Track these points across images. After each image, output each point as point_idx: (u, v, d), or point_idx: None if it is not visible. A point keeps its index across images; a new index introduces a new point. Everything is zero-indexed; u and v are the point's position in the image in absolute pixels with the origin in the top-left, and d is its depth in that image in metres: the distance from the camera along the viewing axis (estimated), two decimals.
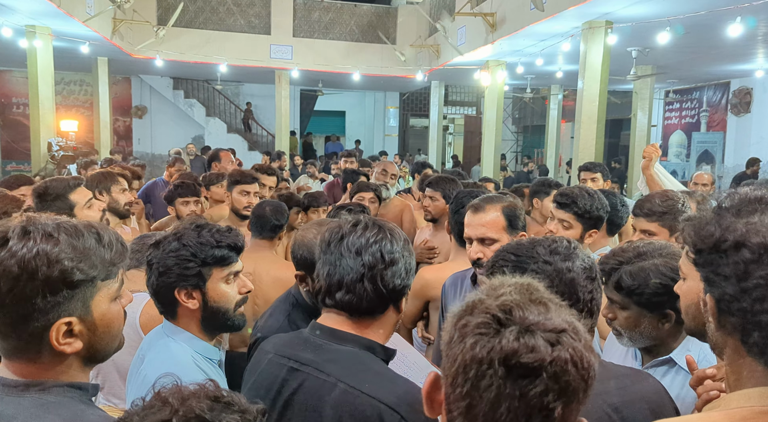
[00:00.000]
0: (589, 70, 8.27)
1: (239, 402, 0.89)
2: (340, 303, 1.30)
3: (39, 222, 1.05)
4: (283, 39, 14.04)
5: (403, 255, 1.32)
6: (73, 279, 1.02)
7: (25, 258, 0.99)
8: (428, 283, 2.49)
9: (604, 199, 2.57)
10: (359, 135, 19.74)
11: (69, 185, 2.67)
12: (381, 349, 1.32)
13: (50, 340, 1.03)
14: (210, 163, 5.40)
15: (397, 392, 1.20)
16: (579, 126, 8.57)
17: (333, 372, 1.24)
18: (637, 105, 11.80)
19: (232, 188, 3.70)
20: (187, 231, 1.56)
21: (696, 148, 14.00)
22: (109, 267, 1.08)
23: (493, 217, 2.06)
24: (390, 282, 1.29)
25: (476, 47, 10.74)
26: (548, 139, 15.95)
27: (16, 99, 15.98)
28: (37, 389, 1.04)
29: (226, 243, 1.56)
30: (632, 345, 1.66)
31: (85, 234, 1.06)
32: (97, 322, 1.08)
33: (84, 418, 1.03)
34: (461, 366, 0.76)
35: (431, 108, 15.95)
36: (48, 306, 1.01)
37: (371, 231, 1.31)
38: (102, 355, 1.13)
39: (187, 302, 1.53)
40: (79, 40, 10.72)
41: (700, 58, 10.71)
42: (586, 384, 0.76)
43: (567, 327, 0.77)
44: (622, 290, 1.58)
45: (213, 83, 17.18)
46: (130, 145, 17.52)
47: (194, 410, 0.84)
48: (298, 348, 1.33)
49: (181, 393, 0.87)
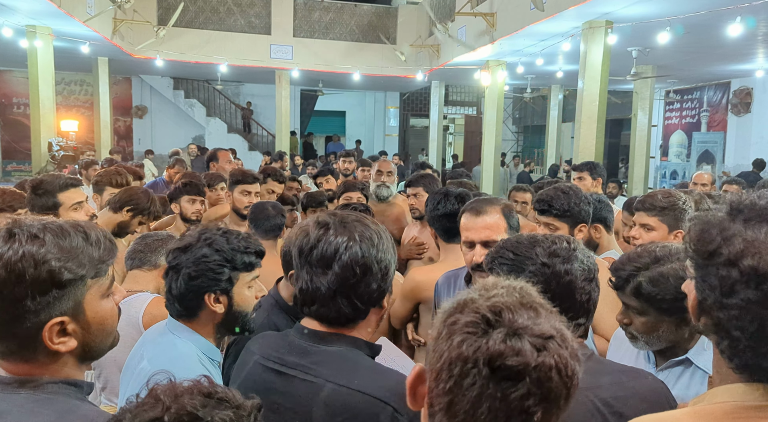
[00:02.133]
0: (589, 70, 8.27)
1: (233, 398, 0.88)
2: (316, 315, 1.29)
3: (24, 224, 1.05)
4: (283, 39, 14.05)
5: (377, 260, 1.27)
6: (62, 279, 1.02)
7: (11, 260, 0.99)
8: (419, 285, 2.45)
9: (581, 192, 2.54)
10: (359, 135, 19.74)
11: (61, 184, 2.65)
12: (366, 346, 1.31)
13: (44, 340, 1.03)
14: (208, 164, 5.38)
15: (387, 385, 1.20)
16: (579, 126, 8.57)
17: (320, 373, 1.23)
18: (638, 105, 11.79)
19: (234, 188, 3.70)
20: (215, 236, 1.56)
21: (696, 147, 14.00)
22: (98, 264, 1.08)
23: (495, 219, 2.04)
24: (365, 293, 1.26)
25: (476, 47, 10.74)
26: (548, 138, 15.96)
27: (17, 99, 16.00)
28: (31, 386, 1.04)
29: (254, 249, 1.60)
30: (648, 348, 1.64)
31: (71, 233, 1.06)
32: (90, 320, 1.08)
33: (78, 413, 1.03)
34: (446, 363, 0.77)
35: (431, 108, 15.95)
36: (38, 307, 1.01)
37: (341, 237, 1.25)
38: (97, 353, 1.13)
39: (215, 306, 1.55)
40: (80, 40, 10.73)
41: (700, 58, 10.71)
42: (568, 391, 0.77)
43: (555, 334, 0.77)
44: (642, 296, 1.55)
45: (213, 83, 17.20)
46: (130, 145, 17.53)
47: (186, 407, 0.83)
48: (284, 351, 1.31)
49: (174, 390, 0.86)
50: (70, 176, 2.76)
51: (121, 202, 2.89)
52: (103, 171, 3.77)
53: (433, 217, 2.55)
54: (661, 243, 1.68)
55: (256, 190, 3.72)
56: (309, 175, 9.60)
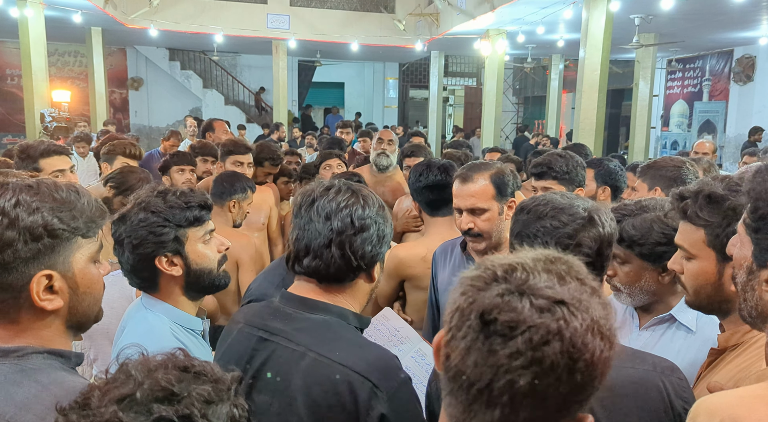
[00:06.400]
0: (591, 38, 8.13)
1: (211, 371, 0.83)
2: (307, 269, 1.27)
3: (18, 177, 1.07)
4: (279, 8, 13.80)
5: (375, 222, 1.27)
6: (55, 228, 1.01)
7: (4, 206, 0.98)
8: (402, 261, 2.39)
9: (576, 156, 2.59)
10: (359, 107, 19.55)
11: (42, 150, 2.61)
12: (354, 317, 1.28)
13: (31, 294, 1.00)
14: (204, 134, 5.31)
15: (368, 359, 1.17)
16: (580, 95, 8.46)
17: (302, 341, 1.21)
18: (639, 74, 11.63)
19: (225, 158, 3.65)
20: (150, 199, 1.51)
21: (698, 117, 13.86)
22: (89, 223, 1.06)
23: (482, 186, 2.01)
24: (359, 249, 1.25)
25: (476, 15, 10.55)
26: (549, 109, 15.80)
27: (10, 70, 15.78)
28: (15, 355, 1.01)
29: (196, 202, 1.53)
30: (631, 303, 1.65)
31: (64, 189, 1.06)
32: (79, 281, 1.06)
33: (64, 385, 0.99)
34: (449, 315, 0.77)
35: (431, 79, 15.75)
36: (29, 254, 0.99)
37: (343, 196, 1.27)
38: (83, 320, 1.10)
39: (170, 269, 1.50)
40: (72, 8, 10.52)
41: (703, 26, 10.53)
42: (573, 364, 0.70)
43: (569, 301, 0.71)
44: (624, 242, 1.55)
45: (209, 54, 16.94)
46: (126, 118, 17.36)
47: (160, 382, 0.77)
48: (268, 317, 1.29)
49: (147, 365, 0.80)
50: (55, 143, 2.71)
51: (108, 176, 2.84)
52: (117, 140, 3.76)
53: (416, 190, 2.49)
54: (652, 197, 1.70)
55: (249, 161, 3.67)
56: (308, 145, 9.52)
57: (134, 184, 2.65)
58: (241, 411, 0.83)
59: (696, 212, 1.30)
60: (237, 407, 0.82)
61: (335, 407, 1.14)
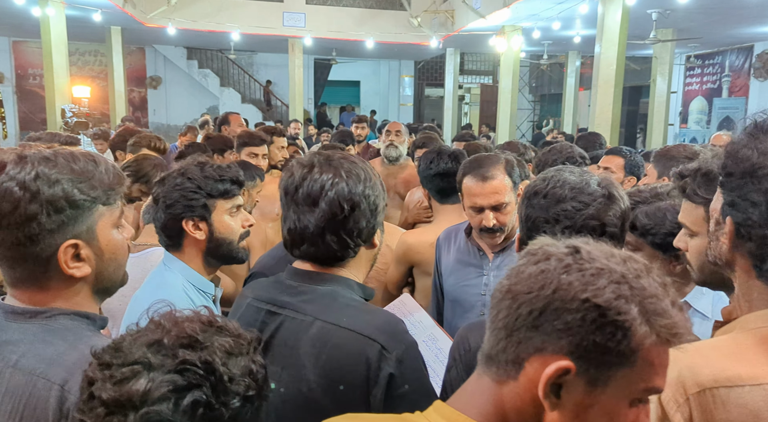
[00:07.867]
0: (606, 33, 8.08)
1: (233, 327, 0.90)
2: (306, 254, 1.28)
3: (34, 149, 1.08)
4: (295, 6, 13.88)
5: (365, 196, 1.24)
6: (76, 198, 1.03)
7: (25, 180, 1.00)
8: (411, 247, 2.40)
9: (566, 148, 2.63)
10: (374, 105, 19.57)
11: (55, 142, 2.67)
12: (359, 287, 1.30)
13: (59, 263, 1.04)
14: (220, 127, 5.37)
15: (375, 323, 1.19)
16: (596, 91, 8.40)
17: (310, 311, 1.22)
18: (657, 70, 11.51)
19: (241, 150, 3.71)
20: (190, 167, 1.64)
21: (717, 114, 13.68)
22: (108, 191, 1.09)
23: (501, 181, 2.01)
24: (354, 228, 1.24)
25: (492, 11, 10.53)
26: (565, 107, 15.69)
27: (33, 70, 16.07)
28: (44, 316, 1.05)
29: (228, 176, 1.65)
30: None
31: (81, 159, 1.08)
32: (103, 248, 1.09)
33: (89, 344, 1.03)
34: None
35: (446, 76, 15.74)
36: (53, 226, 1.02)
37: (326, 175, 1.23)
38: (110, 285, 1.14)
39: (195, 233, 1.62)
40: (91, 8, 10.69)
41: (722, 20, 10.39)
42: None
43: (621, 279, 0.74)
44: (636, 230, 1.55)
45: (227, 53, 17.09)
46: (145, 116, 17.60)
47: (186, 330, 0.85)
48: (276, 291, 1.31)
49: (174, 317, 0.89)
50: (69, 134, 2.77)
51: (124, 165, 2.90)
52: (143, 133, 3.84)
53: (426, 177, 2.49)
54: (666, 183, 1.69)
55: (264, 152, 3.72)
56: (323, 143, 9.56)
57: (149, 170, 2.70)
58: (258, 367, 0.89)
59: (695, 190, 1.31)
60: (255, 363, 0.89)
61: (345, 370, 1.16)
